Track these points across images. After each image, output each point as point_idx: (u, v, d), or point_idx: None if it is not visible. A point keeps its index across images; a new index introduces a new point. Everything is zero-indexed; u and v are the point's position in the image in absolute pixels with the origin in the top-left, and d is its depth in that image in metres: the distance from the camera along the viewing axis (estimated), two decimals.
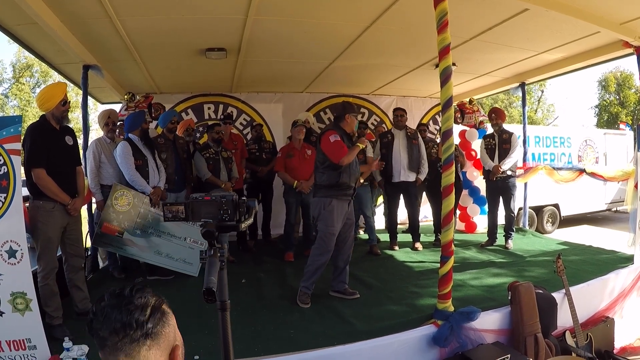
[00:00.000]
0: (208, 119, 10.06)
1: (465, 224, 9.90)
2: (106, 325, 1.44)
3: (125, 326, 1.43)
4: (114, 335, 1.42)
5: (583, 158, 14.57)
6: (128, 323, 1.43)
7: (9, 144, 3.71)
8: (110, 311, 1.46)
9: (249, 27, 5.97)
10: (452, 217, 4.42)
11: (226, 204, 2.26)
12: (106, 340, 1.43)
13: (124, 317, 1.44)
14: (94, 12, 5.30)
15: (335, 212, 5.42)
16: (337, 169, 5.38)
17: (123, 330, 1.42)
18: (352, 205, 5.70)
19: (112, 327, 1.43)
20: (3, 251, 3.66)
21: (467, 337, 4.30)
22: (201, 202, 2.28)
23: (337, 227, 5.45)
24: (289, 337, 4.39)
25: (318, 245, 5.52)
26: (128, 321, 1.43)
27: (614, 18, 6.00)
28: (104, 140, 6.36)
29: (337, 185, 5.42)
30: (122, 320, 1.43)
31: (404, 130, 8.03)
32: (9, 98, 30.56)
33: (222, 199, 2.27)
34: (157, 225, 6.12)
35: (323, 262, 5.48)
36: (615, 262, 6.44)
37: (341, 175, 5.39)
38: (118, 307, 1.46)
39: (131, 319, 1.44)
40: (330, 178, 5.43)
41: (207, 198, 2.28)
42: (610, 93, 37.07)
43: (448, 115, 4.36)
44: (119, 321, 1.43)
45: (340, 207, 5.45)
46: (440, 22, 4.25)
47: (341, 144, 5.36)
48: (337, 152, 5.31)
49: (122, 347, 1.42)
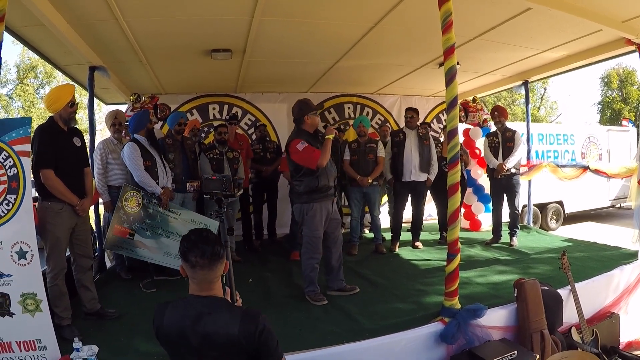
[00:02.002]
0: (213, 119, 10.10)
1: (470, 222, 9.90)
2: (200, 253, 2.38)
3: (212, 254, 2.40)
4: (206, 259, 2.38)
5: (586, 155, 14.54)
6: (213, 251, 2.41)
7: (18, 145, 3.72)
8: (202, 245, 2.40)
9: (254, 28, 6.00)
10: (459, 215, 4.44)
11: (226, 181, 3.73)
12: (198, 262, 2.37)
13: (211, 249, 2.40)
14: (100, 14, 5.34)
15: (317, 215, 5.45)
16: (314, 173, 5.37)
17: (211, 256, 2.40)
18: (335, 204, 5.72)
19: (205, 254, 2.38)
20: (13, 252, 3.67)
21: (474, 334, 4.31)
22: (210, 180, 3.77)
23: (321, 230, 5.50)
24: (297, 336, 4.41)
25: (306, 250, 5.58)
26: (213, 250, 2.41)
27: (616, 16, 6.02)
28: (111, 141, 6.40)
29: (318, 190, 5.42)
30: (210, 250, 2.40)
31: (416, 130, 8.01)
32: (13, 99, 30.50)
33: (224, 178, 3.75)
34: (167, 225, 6.10)
35: (315, 262, 5.55)
36: (619, 258, 6.45)
37: (319, 179, 5.38)
38: (206, 242, 2.42)
39: (214, 249, 2.41)
40: (309, 184, 5.41)
41: (214, 177, 3.74)
42: (612, 90, 36.85)
43: (453, 114, 4.38)
44: (209, 251, 2.39)
45: (323, 208, 5.48)
46: (445, 22, 4.26)
47: (311, 148, 5.32)
48: (311, 158, 5.29)
49: (209, 265, 2.40)
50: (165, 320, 2.43)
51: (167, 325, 2.42)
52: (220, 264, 2.47)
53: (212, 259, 2.39)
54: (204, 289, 2.44)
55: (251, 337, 2.33)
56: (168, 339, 2.45)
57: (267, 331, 2.40)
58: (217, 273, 2.46)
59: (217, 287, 2.50)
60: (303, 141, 5.35)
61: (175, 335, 2.39)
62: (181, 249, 2.46)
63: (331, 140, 5.37)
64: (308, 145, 5.32)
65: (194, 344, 2.34)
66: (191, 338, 2.34)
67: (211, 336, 2.32)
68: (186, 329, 2.35)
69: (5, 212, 3.67)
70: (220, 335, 2.32)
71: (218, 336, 2.32)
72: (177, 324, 2.39)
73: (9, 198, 3.68)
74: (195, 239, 2.44)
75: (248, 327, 2.33)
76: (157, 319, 2.48)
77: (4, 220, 3.67)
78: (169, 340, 2.45)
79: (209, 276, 2.42)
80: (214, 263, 2.41)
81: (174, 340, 2.42)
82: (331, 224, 5.62)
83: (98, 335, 4.47)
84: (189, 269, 2.42)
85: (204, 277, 2.42)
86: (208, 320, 2.34)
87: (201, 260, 2.37)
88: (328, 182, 5.45)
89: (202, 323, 2.34)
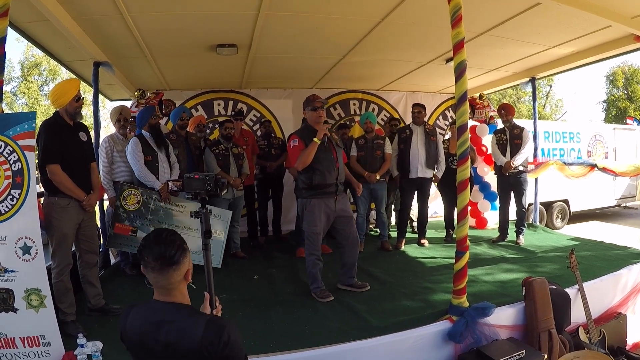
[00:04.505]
0: (218, 115, 10.08)
1: (476, 220, 9.86)
2: (150, 255, 2.23)
3: (162, 256, 2.22)
4: (154, 261, 2.22)
5: (592, 153, 14.48)
6: (163, 254, 2.22)
7: (23, 140, 3.69)
8: (153, 245, 2.24)
9: (260, 23, 5.97)
10: (467, 212, 4.42)
11: (209, 180, 3.22)
12: (149, 263, 2.23)
13: (161, 250, 2.22)
14: (105, 9, 5.32)
15: (315, 211, 5.46)
16: (309, 171, 5.42)
17: (161, 258, 2.22)
18: (341, 202, 5.66)
19: (152, 255, 2.22)
20: (17, 247, 3.64)
21: (482, 333, 4.29)
22: (192, 179, 3.26)
23: (319, 226, 5.48)
24: (304, 333, 4.39)
25: (307, 246, 5.62)
26: (163, 253, 2.22)
27: (625, 12, 5.98)
28: (116, 137, 6.39)
29: (313, 186, 5.44)
30: (160, 252, 2.22)
31: (423, 126, 7.97)
32: (17, 96, 30.60)
33: (207, 177, 3.24)
34: (171, 219, 6.12)
35: (314, 258, 5.54)
36: (627, 257, 6.40)
37: (313, 176, 5.41)
38: (157, 243, 2.25)
39: (164, 252, 2.23)
40: (305, 179, 5.49)
41: (197, 176, 3.25)
42: (618, 88, 36.83)
43: (463, 109, 4.35)
44: (157, 253, 2.22)
45: (322, 205, 5.47)
46: (454, 17, 4.22)
47: (296, 149, 5.46)
48: (291, 159, 5.55)
49: (159, 269, 2.23)
50: (127, 324, 2.34)
51: (129, 329, 2.33)
52: (174, 270, 2.25)
53: (163, 263, 2.22)
54: (162, 294, 2.30)
55: (214, 348, 2.14)
56: (130, 344, 2.35)
57: (233, 343, 2.18)
58: (170, 280, 2.26)
59: (177, 294, 2.32)
60: (296, 138, 5.52)
61: (137, 341, 2.29)
62: (139, 246, 2.33)
63: (316, 144, 5.35)
64: (298, 144, 5.46)
65: (155, 352, 2.23)
66: (153, 346, 2.23)
67: (173, 346, 2.19)
68: (147, 336, 2.24)
69: (10, 207, 3.64)
70: (182, 345, 2.18)
71: (179, 346, 2.18)
72: (138, 329, 2.28)
73: (13, 193, 3.66)
74: (152, 237, 2.31)
75: (211, 337, 2.14)
76: (122, 321, 2.38)
77: (8, 215, 3.64)
78: (131, 345, 2.35)
79: (161, 281, 2.26)
80: (165, 268, 2.23)
81: (136, 346, 2.32)
82: (339, 221, 5.61)
83: (102, 331, 4.45)
84: (144, 269, 2.29)
85: (156, 282, 2.27)
86: (170, 329, 2.20)
87: (152, 263, 2.23)
88: (325, 179, 5.42)
89: (164, 331, 2.20)
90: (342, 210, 5.62)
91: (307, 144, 5.37)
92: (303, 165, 5.37)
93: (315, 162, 5.37)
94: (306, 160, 5.34)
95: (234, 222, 7.16)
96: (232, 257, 7.34)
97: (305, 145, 5.37)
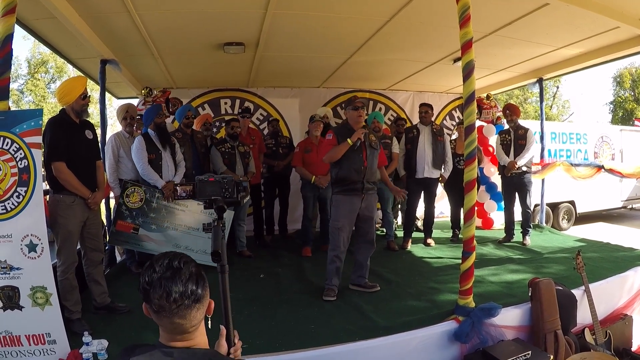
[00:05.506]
0: (225, 114, 10.07)
1: (482, 220, 9.84)
2: (165, 295, 1.67)
3: (183, 296, 1.68)
4: (172, 303, 1.67)
5: (599, 155, 14.42)
6: (184, 293, 1.69)
7: (29, 137, 3.69)
8: (167, 283, 1.68)
9: (268, 21, 5.96)
10: (474, 212, 4.41)
11: (227, 184, 2.65)
12: (163, 307, 1.67)
13: (180, 288, 1.68)
14: (113, 7, 5.32)
15: (340, 207, 5.50)
16: (337, 164, 5.48)
17: (181, 299, 1.68)
18: (368, 200, 5.63)
19: (171, 297, 1.67)
20: (23, 245, 3.64)
21: (488, 334, 4.28)
22: (206, 182, 2.68)
23: (342, 221, 5.48)
24: (309, 332, 4.39)
25: (330, 240, 5.63)
26: (184, 291, 1.69)
27: (634, 13, 5.97)
28: (123, 135, 6.38)
29: (339, 180, 5.49)
30: (180, 291, 1.68)
31: (430, 126, 7.98)
32: (24, 94, 30.69)
33: (224, 180, 2.66)
34: (173, 218, 6.16)
35: (333, 255, 5.52)
36: (633, 259, 6.40)
37: (340, 170, 5.47)
38: (172, 279, 1.69)
39: (186, 290, 1.70)
40: (334, 174, 5.57)
41: (212, 179, 2.68)
42: (625, 89, 36.68)
43: (471, 109, 4.34)
44: (177, 292, 1.67)
45: (347, 202, 5.49)
46: (462, 16, 4.22)
47: (328, 143, 5.59)
48: (322, 151, 5.65)
49: (177, 312, 1.68)
50: None
51: None
52: (197, 309, 1.74)
53: (181, 304, 1.69)
54: (176, 339, 1.76)
55: None
56: None
57: None
58: (192, 322, 1.74)
59: (196, 336, 1.81)
60: (331, 133, 5.64)
61: None
62: (141, 284, 1.76)
63: (348, 145, 5.39)
64: (331, 139, 5.56)
65: None
66: None
67: None
68: None
69: (16, 205, 3.64)
70: None
71: None
72: None
73: (19, 190, 3.65)
74: (159, 271, 1.73)
75: None
76: None
77: (14, 212, 3.64)
78: None
79: (180, 326, 1.72)
80: (188, 309, 1.71)
81: None
82: (360, 219, 5.64)
83: (108, 329, 4.45)
84: (152, 314, 1.75)
85: (172, 328, 1.73)
86: None
87: (167, 304, 1.67)
88: (350, 175, 5.44)
89: None
90: (365, 209, 5.62)
91: (340, 141, 5.44)
92: (330, 160, 5.52)
93: (342, 157, 5.43)
94: (334, 156, 5.44)
95: (240, 220, 7.19)
96: (238, 255, 7.35)
97: (338, 142, 5.45)
